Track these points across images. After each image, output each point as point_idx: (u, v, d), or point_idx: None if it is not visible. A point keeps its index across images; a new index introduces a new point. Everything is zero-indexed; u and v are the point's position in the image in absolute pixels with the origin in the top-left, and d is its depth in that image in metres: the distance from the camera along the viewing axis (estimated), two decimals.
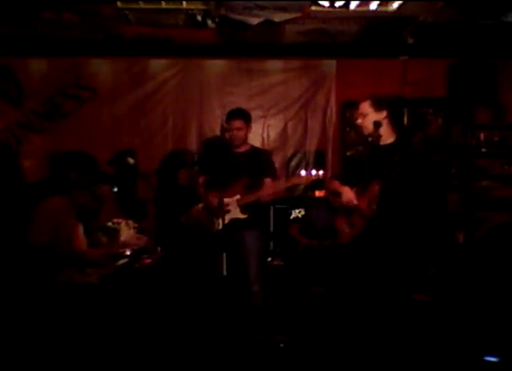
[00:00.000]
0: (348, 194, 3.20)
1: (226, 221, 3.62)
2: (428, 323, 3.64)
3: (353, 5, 4.15)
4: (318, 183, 5.05)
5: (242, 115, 3.85)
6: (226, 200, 3.63)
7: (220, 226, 3.54)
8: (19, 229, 3.08)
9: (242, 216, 3.73)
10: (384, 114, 3.16)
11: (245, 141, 3.88)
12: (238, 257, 3.73)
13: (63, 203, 3.05)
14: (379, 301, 3.06)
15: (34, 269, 2.88)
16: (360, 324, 3.11)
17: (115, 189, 3.24)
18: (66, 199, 3.07)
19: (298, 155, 5.37)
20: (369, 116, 3.18)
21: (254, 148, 3.98)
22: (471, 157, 5.23)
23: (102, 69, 5.27)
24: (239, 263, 3.74)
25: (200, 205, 3.84)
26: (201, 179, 3.98)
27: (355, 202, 3.16)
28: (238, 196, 3.73)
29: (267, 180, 3.81)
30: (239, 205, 3.72)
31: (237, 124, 3.80)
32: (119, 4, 4.16)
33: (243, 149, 3.87)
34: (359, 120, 3.26)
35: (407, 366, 3.05)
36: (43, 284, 2.86)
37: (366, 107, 3.22)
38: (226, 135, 3.85)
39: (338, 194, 3.26)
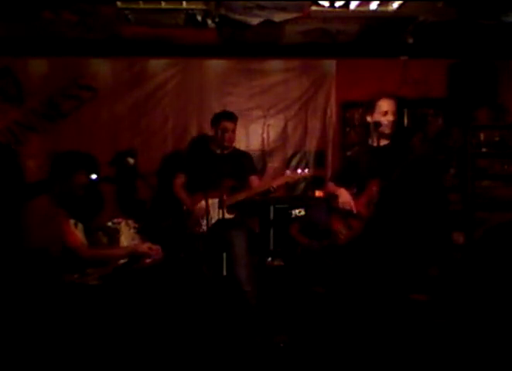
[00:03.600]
0: (345, 196, 3.20)
1: (213, 221, 3.65)
2: (427, 323, 3.64)
3: (353, 5, 4.15)
4: (318, 183, 5.08)
5: (234, 117, 3.93)
6: (211, 201, 3.64)
7: (206, 227, 3.56)
8: (19, 229, 3.08)
9: (229, 216, 3.75)
10: (397, 115, 3.15)
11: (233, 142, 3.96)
12: (228, 258, 3.76)
13: (49, 202, 3.03)
14: (378, 301, 3.06)
15: (34, 272, 2.87)
16: (360, 324, 3.11)
17: (94, 177, 3.22)
18: (50, 197, 3.05)
19: (298, 155, 5.37)
20: (394, 115, 3.12)
21: (236, 150, 4.05)
22: (471, 157, 5.24)
23: (102, 69, 5.26)
24: (229, 264, 3.76)
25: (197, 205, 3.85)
26: (179, 180, 3.99)
27: (352, 203, 3.16)
28: (224, 197, 3.75)
29: (253, 177, 3.88)
30: (225, 206, 3.75)
31: (231, 125, 3.86)
32: (119, 4, 4.16)
33: (225, 151, 3.91)
34: (379, 118, 3.16)
35: (407, 366, 3.05)
36: (45, 286, 2.86)
37: (391, 104, 3.14)
38: (218, 136, 3.88)
39: (335, 196, 3.26)
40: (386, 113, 3.13)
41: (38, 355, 2.77)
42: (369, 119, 3.19)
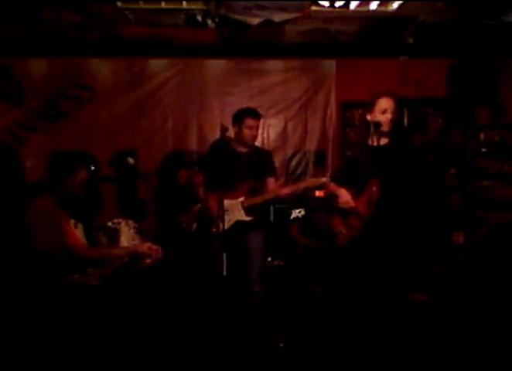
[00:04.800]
0: (345, 196, 3.19)
1: (232, 223, 3.62)
2: (427, 323, 3.64)
3: (353, 5, 4.15)
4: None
5: (258, 115, 3.87)
6: (229, 202, 3.62)
7: (222, 228, 3.53)
8: (19, 229, 3.07)
9: (247, 219, 3.73)
10: (396, 114, 3.14)
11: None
12: (241, 258, 3.74)
13: (50, 202, 3.02)
14: (378, 301, 3.06)
15: (35, 272, 2.86)
16: (360, 324, 3.11)
17: (92, 168, 3.22)
18: (51, 197, 3.04)
19: (298, 155, 5.37)
20: (393, 113, 3.13)
21: (255, 148, 3.98)
22: (471, 157, 5.23)
23: (102, 69, 5.26)
24: (241, 264, 3.74)
25: (199, 206, 3.83)
26: (199, 179, 3.97)
27: (352, 204, 3.16)
28: (242, 198, 3.73)
29: (270, 180, 3.84)
30: (243, 207, 3.73)
31: (255, 123, 3.81)
32: (119, 4, 4.15)
33: (245, 149, 3.87)
34: (378, 116, 3.15)
35: (407, 366, 3.05)
36: (45, 286, 2.86)
37: (390, 103, 3.14)
38: (242, 134, 3.81)
39: (335, 196, 3.26)
40: (385, 111, 3.13)
41: (38, 355, 2.77)
42: (369, 118, 3.19)
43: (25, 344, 2.78)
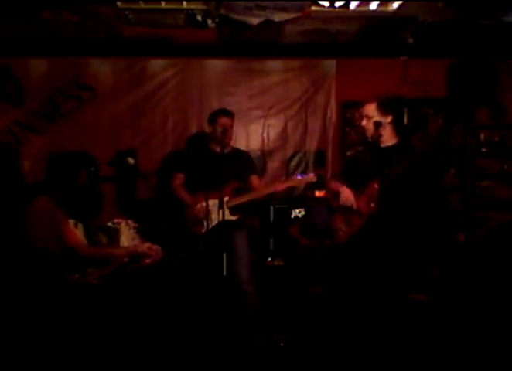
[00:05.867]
0: (346, 193, 3.20)
1: (216, 222, 3.64)
2: (427, 323, 3.64)
3: (353, 5, 4.15)
4: (318, 183, 5.07)
5: (230, 114, 3.95)
6: (214, 202, 3.64)
7: (207, 228, 3.56)
8: (19, 229, 3.08)
9: (232, 218, 3.75)
10: (390, 118, 3.16)
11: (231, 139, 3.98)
12: (229, 258, 3.77)
13: (49, 202, 3.02)
14: (378, 300, 3.07)
15: (35, 273, 2.86)
16: (360, 324, 3.12)
17: (92, 169, 3.23)
18: (50, 197, 3.04)
19: (298, 155, 5.37)
20: (374, 119, 3.15)
21: (235, 150, 4.06)
22: (471, 157, 5.24)
23: (102, 69, 5.26)
24: (230, 264, 3.78)
25: (199, 206, 3.84)
26: (179, 180, 3.98)
27: (353, 201, 3.17)
28: (227, 198, 3.75)
29: (253, 177, 3.91)
30: (228, 207, 3.75)
31: (229, 121, 3.87)
32: (119, 4, 4.15)
33: (226, 150, 3.91)
34: (363, 122, 3.23)
35: (407, 366, 3.05)
36: (46, 286, 2.86)
37: (371, 109, 3.18)
38: (216, 134, 3.85)
39: (337, 194, 3.27)
40: (367, 117, 3.21)
41: (39, 355, 2.77)
42: (362, 123, 3.26)
43: (26, 343, 2.78)
